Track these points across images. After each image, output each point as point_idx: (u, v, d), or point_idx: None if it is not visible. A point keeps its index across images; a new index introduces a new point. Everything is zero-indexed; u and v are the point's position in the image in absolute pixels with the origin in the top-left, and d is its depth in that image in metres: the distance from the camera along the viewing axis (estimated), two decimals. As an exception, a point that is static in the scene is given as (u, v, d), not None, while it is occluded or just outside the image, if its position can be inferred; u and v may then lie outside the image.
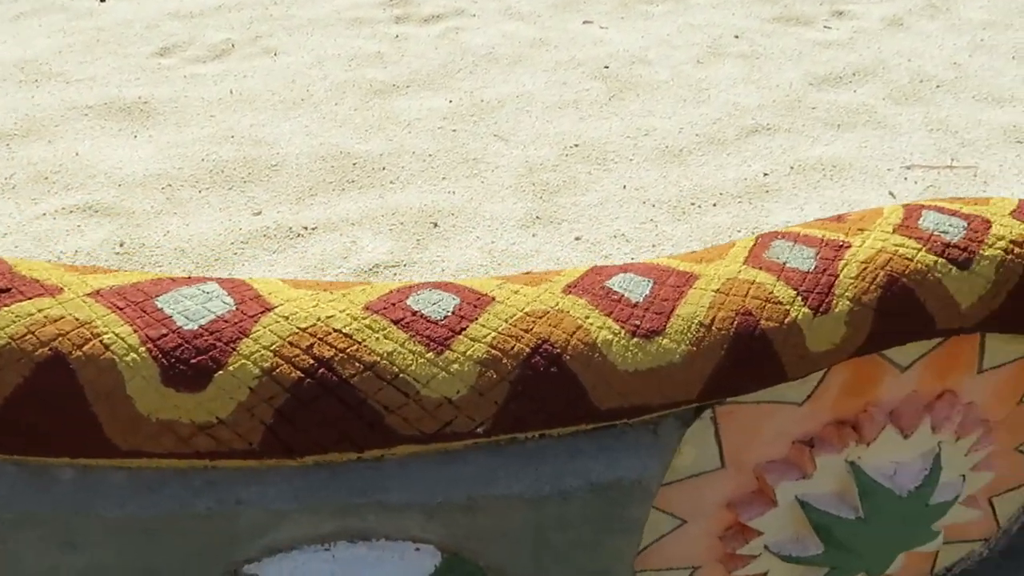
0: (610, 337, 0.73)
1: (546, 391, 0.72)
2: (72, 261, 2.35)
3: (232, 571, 0.74)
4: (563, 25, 3.68)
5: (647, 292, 0.76)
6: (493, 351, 0.72)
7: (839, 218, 0.84)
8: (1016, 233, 0.80)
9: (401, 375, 0.70)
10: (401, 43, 3.51)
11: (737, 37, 3.59)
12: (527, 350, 0.72)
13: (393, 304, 0.73)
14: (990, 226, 0.80)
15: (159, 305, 0.69)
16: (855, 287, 0.77)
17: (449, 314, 0.73)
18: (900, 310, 0.77)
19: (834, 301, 0.76)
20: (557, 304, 0.75)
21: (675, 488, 0.90)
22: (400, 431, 0.71)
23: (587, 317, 0.74)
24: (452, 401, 0.71)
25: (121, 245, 2.40)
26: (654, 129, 2.95)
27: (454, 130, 2.93)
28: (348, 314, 0.71)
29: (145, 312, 0.68)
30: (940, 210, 0.82)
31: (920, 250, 0.78)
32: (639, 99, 3.14)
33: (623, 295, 0.76)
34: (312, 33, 3.60)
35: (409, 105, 3.08)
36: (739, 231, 2.50)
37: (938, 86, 3.27)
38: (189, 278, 0.73)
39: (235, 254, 2.38)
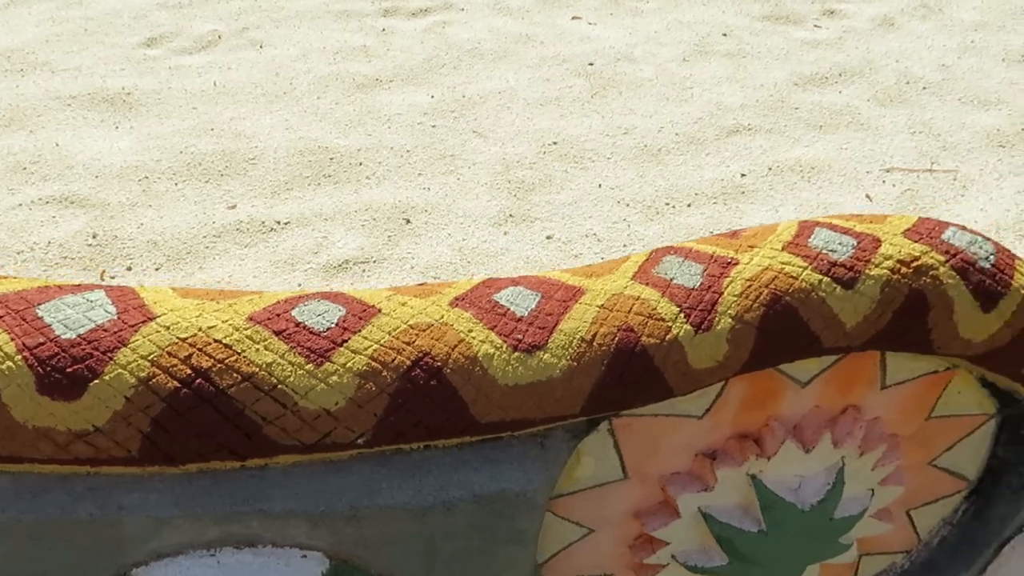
0: (491, 351, 0.74)
1: (426, 404, 0.73)
2: (44, 252, 2.36)
3: (122, 575, 0.75)
4: (551, 21, 3.67)
5: (533, 306, 0.77)
6: (373, 363, 0.72)
7: (734, 234, 0.84)
8: (905, 253, 0.80)
9: (279, 386, 0.70)
10: (387, 37, 3.51)
11: (725, 35, 3.57)
12: (408, 363, 0.73)
13: (277, 315, 0.74)
14: (880, 245, 0.80)
15: (40, 314, 0.70)
16: (738, 305, 0.77)
17: (332, 326, 0.74)
18: (783, 328, 0.77)
19: (716, 319, 0.76)
20: (442, 317, 0.75)
21: (578, 497, 0.91)
22: (279, 441, 0.71)
23: (470, 331, 0.74)
24: (331, 412, 0.72)
25: (94, 237, 2.41)
26: (634, 128, 2.95)
27: (433, 126, 2.94)
28: (230, 324, 0.72)
29: (24, 320, 0.69)
30: (833, 227, 0.82)
31: (806, 268, 0.78)
32: (621, 97, 3.13)
33: (509, 309, 0.76)
34: (299, 26, 3.60)
35: (391, 100, 3.08)
36: (711, 232, 2.49)
37: (924, 88, 3.25)
38: (78, 285, 0.74)
39: (207, 248, 2.40)
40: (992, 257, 0.82)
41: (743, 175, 2.73)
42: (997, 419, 0.97)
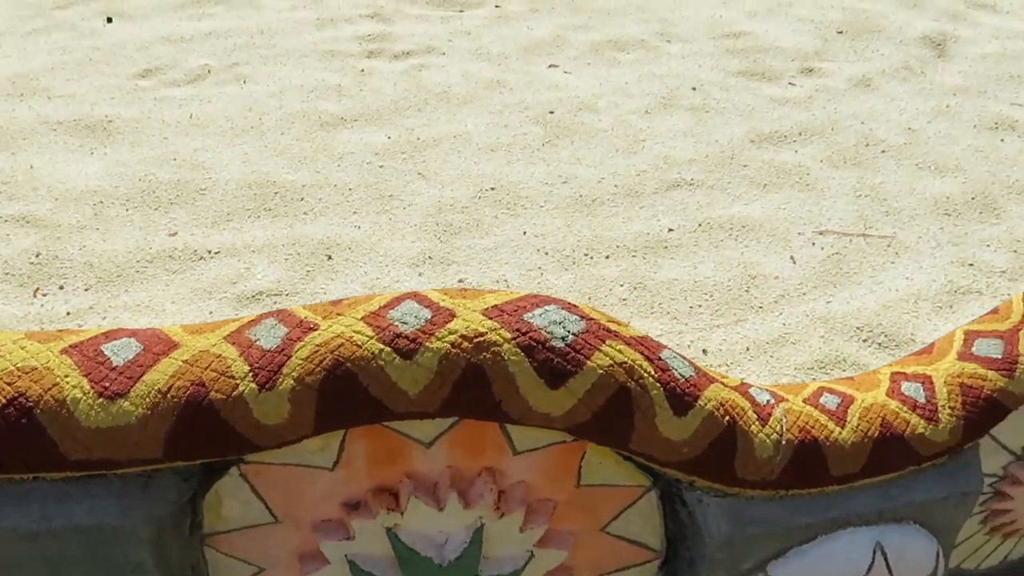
0: (79, 396, 0.82)
1: (18, 439, 0.81)
2: (-10, 267, 2.54)
3: None
4: (526, 68, 3.77)
5: (131, 357, 0.85)
6: (-26, 401, 0.82)
7: (335, 303, 0.90)
8: (471, 329, 0.84)
9: None
10: (364, 78, 3.66)
11: (694, 89, 3.61)
12: (3, 401, 0.81)
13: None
14: (452, 319, 0.85)
15: None
16: (302, 368, 0.83)
17: (-48, 366, 0.83)
18: (342, 392, 0.83)
19: (280, 380, 0.82)
20: (47, 362, 0.84)
21: (236, 536, 0.97)
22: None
23: (66, 376, 0.83)
24: None
25: (37, 256, 2.58)
26: (575, 177, 3.00)
27: (381, 166, 3.05)
28: None
29: None
30: (420, 300, 0.87)
31: (371, 338, 0.83)
32: (572, 146, 3.19)
33: (109, 358, 0.84)
34: (285, 63, 3.78)
35: (349, 139, 3.21)
36: (622, 285, 2.53)
37: (883, 151, 3.23)
38: None
39: (137, 272, 2.54)
40: (570, 337, 0.86)
41: (670, 230, 2.76)
42: (656, 492, 1.00)
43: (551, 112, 3.39)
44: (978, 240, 2.77)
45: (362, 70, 3.71)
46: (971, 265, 2.65)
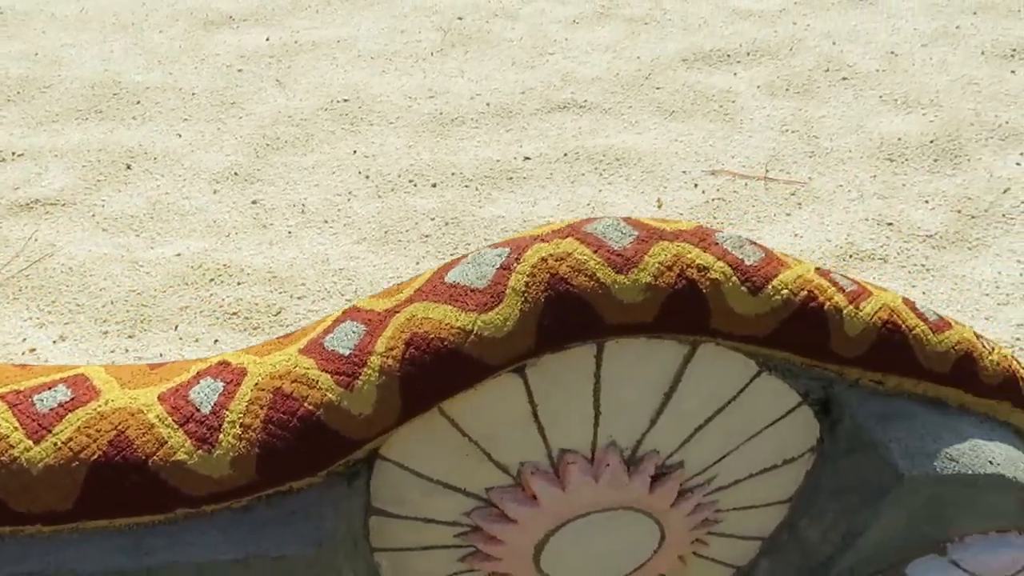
0: None
1: None
2: None
3: None
4: (463, -31, 3.31)
5: None
6: None
7: None
8: None
9: None
10: (281, -25, 3.32)
11: (644, -3, 3.07)
12: None
13: None
14: None
15: None
16: None
17: None
18: None
19: None
20: None
21: None
22: None
23: None
24: None
25: None
26: (446, 92, 2.59)
27: (240, 70, 2.73)
28: None
29: None
30: None
31: None
32: (465, 57, 2.76)
33: None
34: (209, -42, 3.48)
35: (225, 40, 2.90)
36: (433, 219, 2.13)
37: (844, 78, 2.63)
38: None
39: (-70, 171, 2.37)
40: None
41: (527, 158, 2.32)
42: None
43: (459, 18, 2.95)
44: (916, 195, 2.18)
45: (283, -33, 3.37)
46: (890, 224, 2.08)
